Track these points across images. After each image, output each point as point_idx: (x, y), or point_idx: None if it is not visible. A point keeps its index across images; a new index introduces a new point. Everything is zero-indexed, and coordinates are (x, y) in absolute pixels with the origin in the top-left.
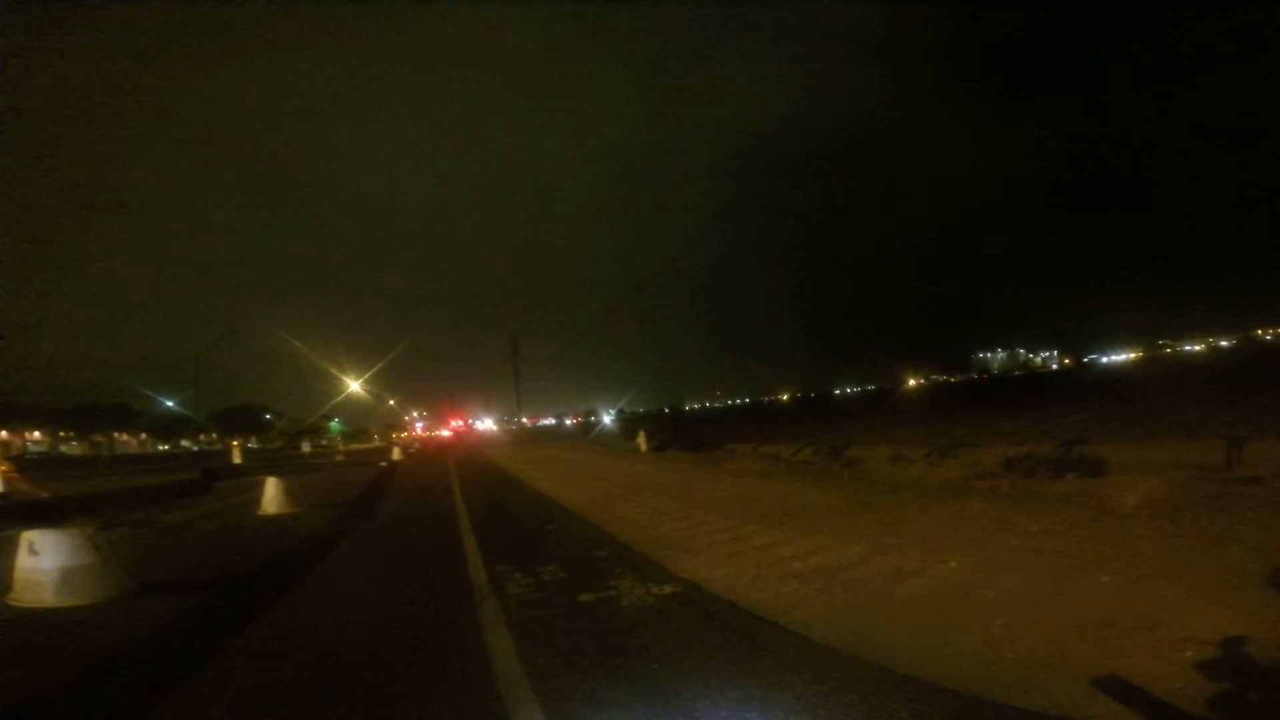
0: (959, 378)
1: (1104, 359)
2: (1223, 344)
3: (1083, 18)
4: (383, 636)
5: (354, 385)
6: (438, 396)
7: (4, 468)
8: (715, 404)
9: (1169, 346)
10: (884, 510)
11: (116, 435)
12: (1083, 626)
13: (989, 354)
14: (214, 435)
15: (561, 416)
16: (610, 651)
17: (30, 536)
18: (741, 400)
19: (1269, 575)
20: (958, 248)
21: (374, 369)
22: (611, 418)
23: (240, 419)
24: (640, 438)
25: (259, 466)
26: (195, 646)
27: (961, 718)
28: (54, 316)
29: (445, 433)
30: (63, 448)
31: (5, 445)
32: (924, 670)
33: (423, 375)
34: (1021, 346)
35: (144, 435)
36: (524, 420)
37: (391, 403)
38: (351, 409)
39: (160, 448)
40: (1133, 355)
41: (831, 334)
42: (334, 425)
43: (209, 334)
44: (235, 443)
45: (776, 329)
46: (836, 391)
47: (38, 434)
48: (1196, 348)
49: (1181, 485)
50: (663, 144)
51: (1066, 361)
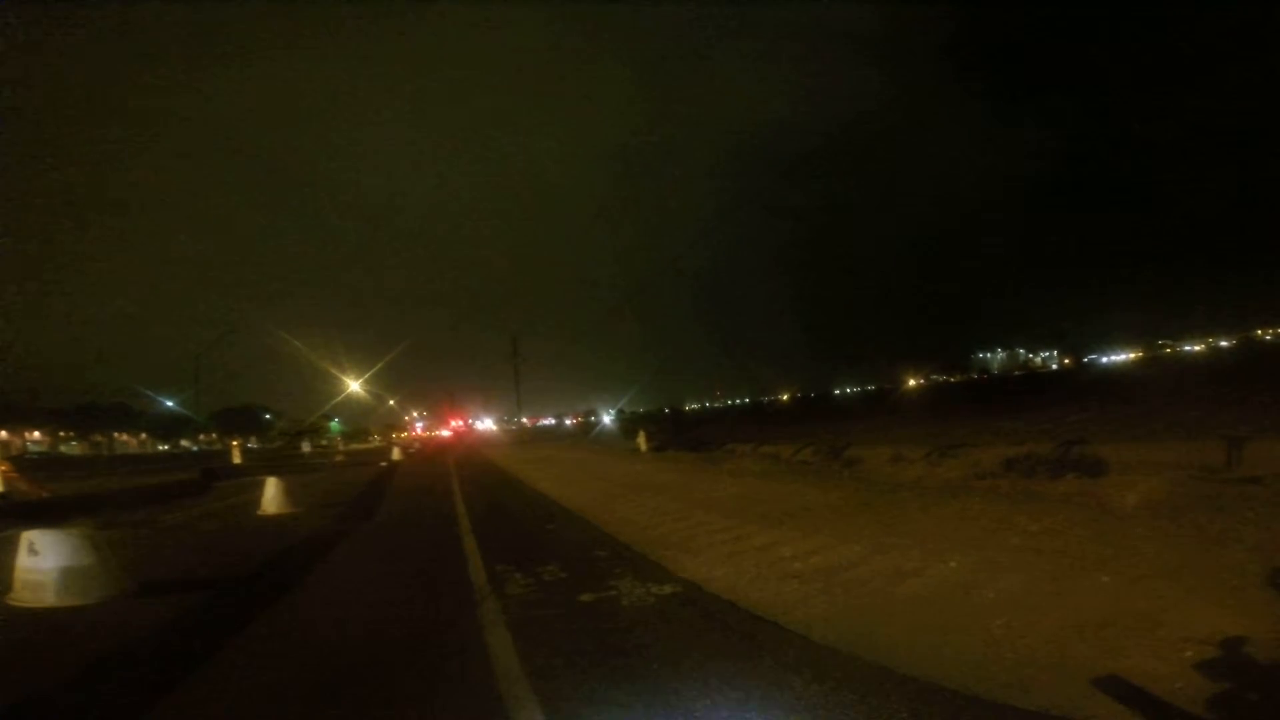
0: (959, 378)
1: (1104, 359)
2: (1223, 344)
3: (1083, 18)
4: (383, 636)
5: (354, 385)
6: (438, 396)
7: (4, 467)
8: (715, 404)
9: (1169, 346)
10: (884, 510)
11: (116, 435)
12: (1083, 626)
13: (989, 354)
14: (214, 435)
15: (561, 416)
16: (610, 651)
17: (30, 536)
18: (741, 400)
19: (1269, 575)
20: (958, 248)
21: (374, 369)
22: (611, 418)
23: (240, 419)
24: (640, 438)
25: (259, 466)
26: (195, 646)
27: (961, 718)
28: (54, 317)
29: (445, 433)
30: (63, 448)
31: (5, 445)
32: (924, 670)
33: (423, 375)
34: (1021, 346)
35: (144, 435)
36: (524, 420)
37: (391, 403)
38: (351, 409)
39: (160, 448)
40: (1133, 355)
41: (831, 334)
42: (334, 425)
43: (209, 334)
44: (235, 443)
45: (776, 329)
46: (836, 391)
47: (38, 434)
48: (1196, 348)
49: (1181, 485)
50: (663, 144)
51: (1066, 361)
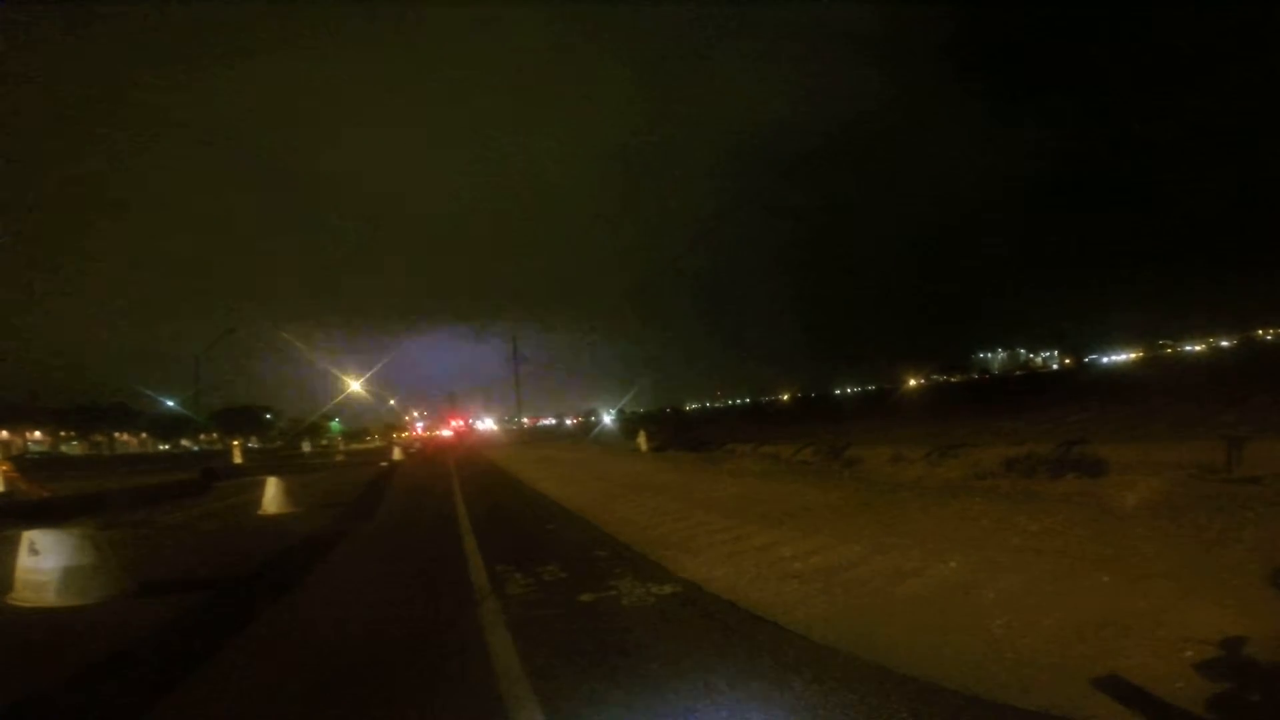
0: (959, 378)
1: (1104, 359)
2: (1223, 344)
3: (1083, 18)
4: (383, 636)
5: (354, 385)
6: (438, 397)
7: (5, 467)
8: (715, 404)
9: (1169, 346)
10: (884, 510)
11: (117, 435)
12: (1083, 626)
13: (989, 354)
14: (214, 435)
15: (562, 417)
16: (610, 651)
17: (31, 536)
18: (741, 400)
19: (1269, 575)
20: (958, 248)
21: (374, 369)
22: (612, 418)
23: (240, 419)
24: (640, 438)
25: (259, 466)
26: (195, 646)
27: (961, 718)
28: (54, 316)
29: (446, 433)
30: (63, 448)
31: (6, 445)
32: (924, 670)
33: (424, 375)
34: (1022, 346)
35: (144, 435)
36: (524, 420)
37: (392, 403)
38: (352, 409)
39: (161, 448)
40: (1133, 355)
41: (831, 334)
42: (334, 425)
43: (210, 334)
44: (235, 443)
45: (777, 329)
46: (836, 391)
47: (38, 434)
48: (1196, 348)
49: (1181, 485)
50: (663, 144)
51: (1067, 361)
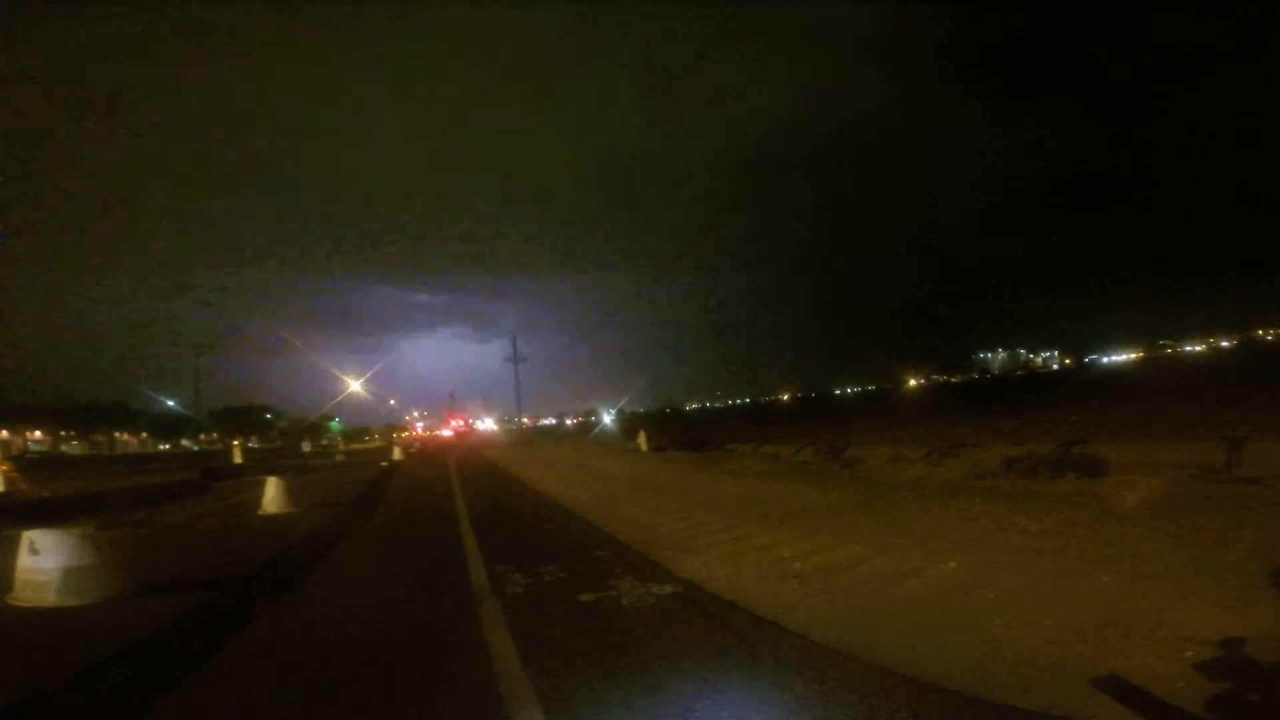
0: (959, 378)
1: (1104, 359)
2: (1223, 344)
3: (1083, 18)
4: (383, 636)
5: (354, 385)
6: (438, 396)
7: (5, 467)
8: (715, 404)
9: (1169, 346)
10: (884, 510)
11: (117, 435)
12: (1083, 626)
13: (989, 354)
14: (215, 435)
15: (562, 416)
16: (610, 651)
17: (31, 536)
18: (741, 400)
19: (1269, 575)
20: (958, 248)
21: (374, 369)
22: (612, 418)
23: (240, 419)
24: (641, 438)
25: (259, 466)
26: (195, 646)
27: (962, 718)
28: (55, 316)
29: (446, 433)
30: (63, 447)
31: (6, 445)
32: (924, 670)
33: (424, 375)
34: (1022, 347)
35: (144, 435)
36: (524, 420)
37: (392, 402)
38: (352, 409)
39: (161, 447)
40: (1133, 355)
41: (831, 334)
42: (334, 425)
43: (210, 334)
44: (236, 442)
45: (777, 329)
46: (836, 391)
47: (39, 433)
48: (1197, 348)
49: (1181, 485)
50: (663, 144)
51: (1067, 362)
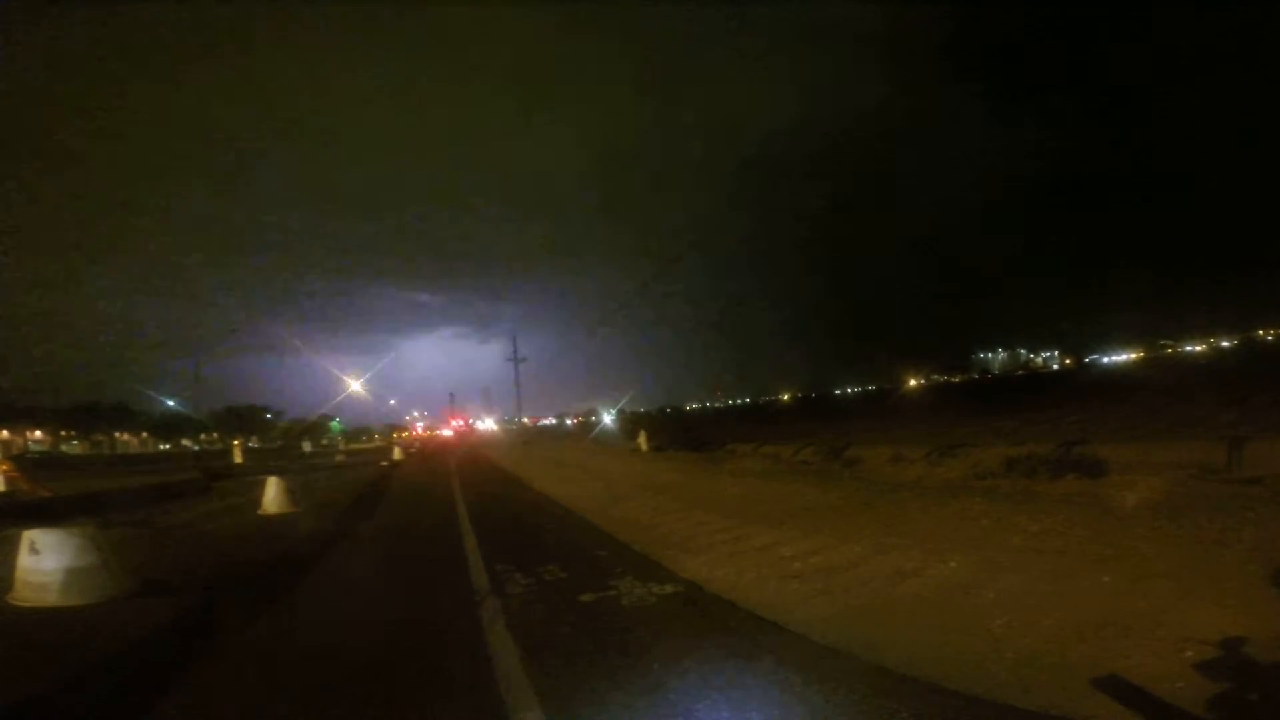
0: (960, 378)
1: (1104, 359)
2: (1223, 344)
3: (1083, 18)
4: (383, 636)
5: (355, 385)
6: (439, 396)
7: (5, 467)
8: (715, 404)
9: (1169, 346)
10: (884, 510)
11: (117, 435)
12: (1083, 626)
13: (990, 354)
14: (215, 435)
15: (562, 416)
16: (610, 651)
17: (32, 536)
18: (742, 400)
19: (1269, 575)
20: (958, 248)
21: (374, 369)
22: (612, 418)
23: (241, 419)
24: (641, 437)
25: (260, 466)
26: (195, 646)
27: (962, 718)
28: (55, 316)
29: (446, 432)
30: (64, 447)
31: (7, 445)
32: (924, 670)
33: (424, 375)
34: (1022, 346)
35: (145, 435)
36: (525, 420)
37: (393, 402)
38: (353, 409)
39: (161, 447)
40: (1133, 355)
41: (832, 334)
42: (335, 425)
43: (210, 333)
44: (236, 442)
45: (777, 329)
46: (837, 391)
47: (39, 433)
48: (1197, 348)
49: (1181, 485)
50: (663, 144)
51: (1067, 362)
